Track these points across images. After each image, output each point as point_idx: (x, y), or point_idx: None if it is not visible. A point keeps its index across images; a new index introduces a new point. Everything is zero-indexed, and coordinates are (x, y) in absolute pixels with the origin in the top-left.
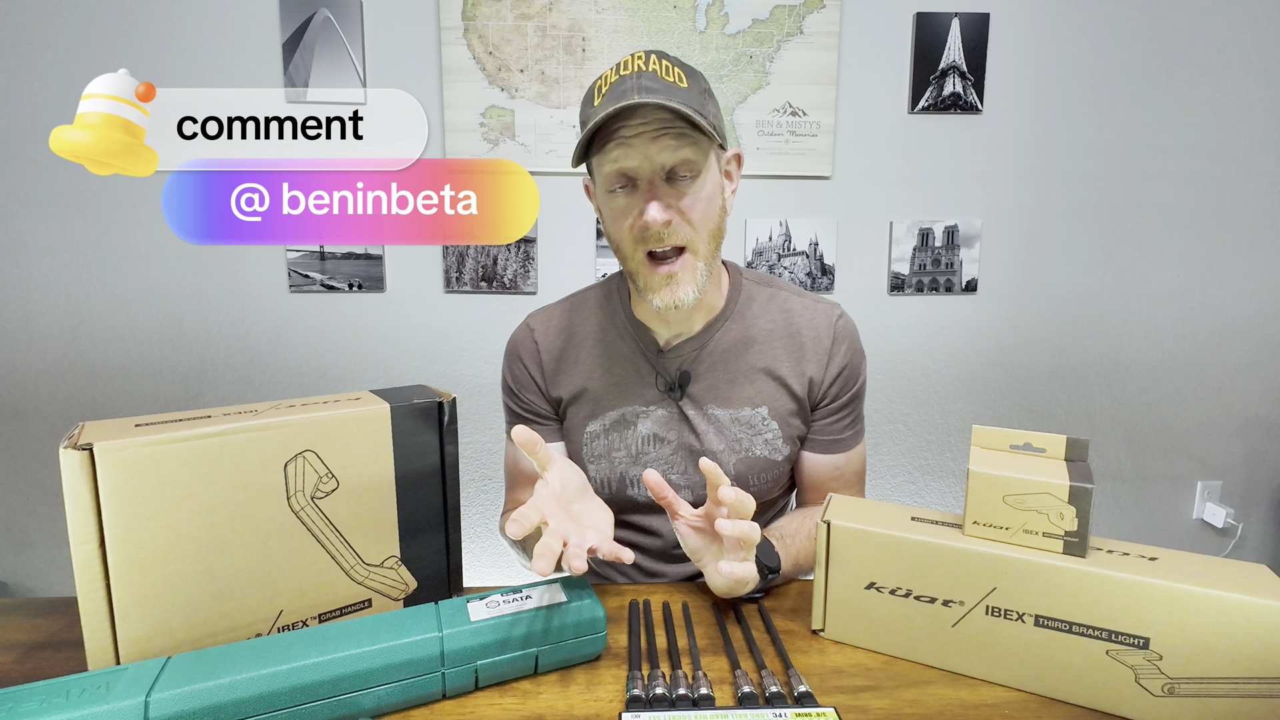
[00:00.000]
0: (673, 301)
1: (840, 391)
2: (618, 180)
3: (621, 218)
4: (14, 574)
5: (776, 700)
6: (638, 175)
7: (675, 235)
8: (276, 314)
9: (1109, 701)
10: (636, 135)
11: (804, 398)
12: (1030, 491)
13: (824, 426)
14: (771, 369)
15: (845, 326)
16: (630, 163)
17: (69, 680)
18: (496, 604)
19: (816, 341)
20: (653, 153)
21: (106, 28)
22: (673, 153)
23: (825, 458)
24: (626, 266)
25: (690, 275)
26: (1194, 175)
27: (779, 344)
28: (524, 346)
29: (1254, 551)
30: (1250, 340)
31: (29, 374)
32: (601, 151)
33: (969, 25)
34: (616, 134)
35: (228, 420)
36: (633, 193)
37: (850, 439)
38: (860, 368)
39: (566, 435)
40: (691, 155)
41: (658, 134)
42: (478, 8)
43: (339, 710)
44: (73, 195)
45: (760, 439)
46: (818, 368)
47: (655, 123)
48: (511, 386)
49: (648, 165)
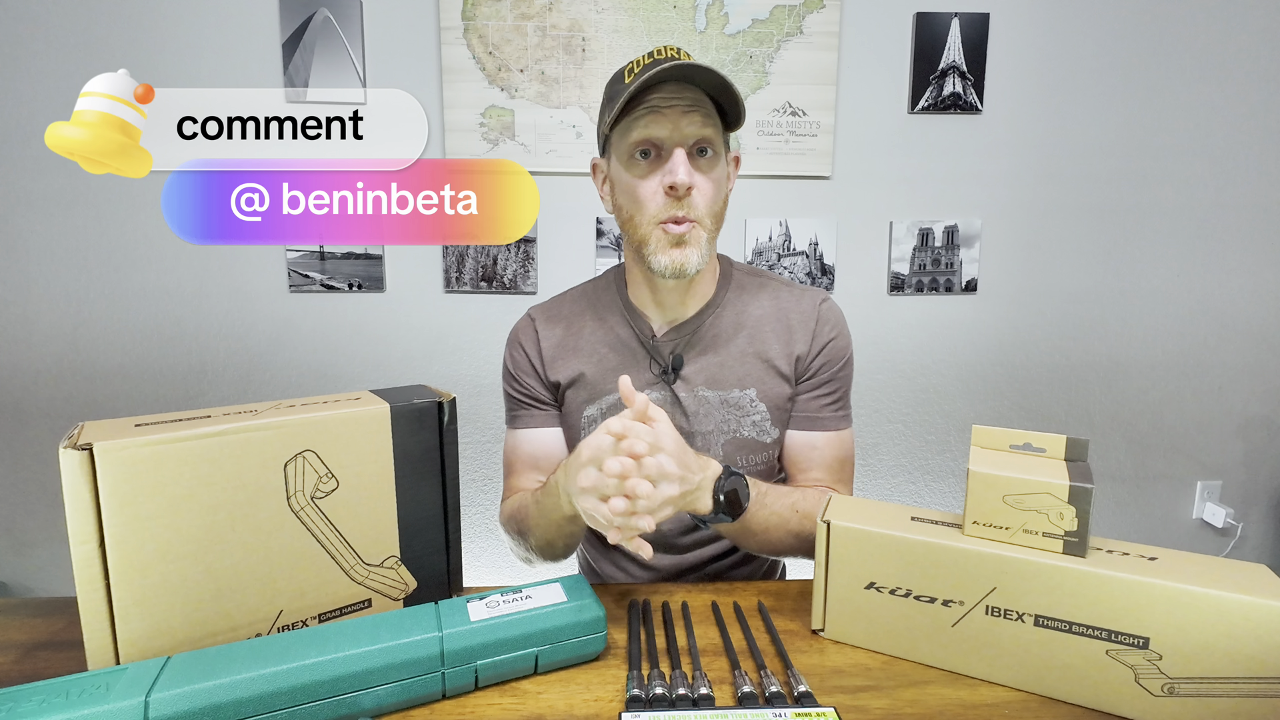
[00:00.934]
0: (681, 262)
1: (822, 367)
2: (642, 147)
3: (641, 183)
4: (14, 574)
5: (776, 700)
6: (664, 144)
7: (691, 207)
8: (276, 314)
9: (1109, 701)
10: (670, 106)
11: (791, 376)
12: (1030, 491)
13: (805, 403)
14: (761, 353)
15: (830, 309)
16: (660, 131)
17: (69, 680)
18: (496, 604)
19: (804, 324)
20: (683, 124)
21: (106, 28)
22: (699, 128)
23: (803, 435)
24: (637, 234)
25: (697, 244)
26: (1194, 175)
27: (768, 329)
28: (525, 333)
29: (1254, 551)
30: (1250, 340)
31: (29, 374)
32: (630, 118)
33: (969, 25)
34: (648, 103)
35: (228, 420)
36: (657, 160)
37: (829, 420)
38: (845, 349)
39: (565, 420)
40: (714, 135)
41: (689, 109)
42: (478, 8)
43: (339, 710)
44: (72, 195)
45: (748, 420)
46: (804, 345)
47: (687, 98)
48: (511, 371)
49: (676, 135)
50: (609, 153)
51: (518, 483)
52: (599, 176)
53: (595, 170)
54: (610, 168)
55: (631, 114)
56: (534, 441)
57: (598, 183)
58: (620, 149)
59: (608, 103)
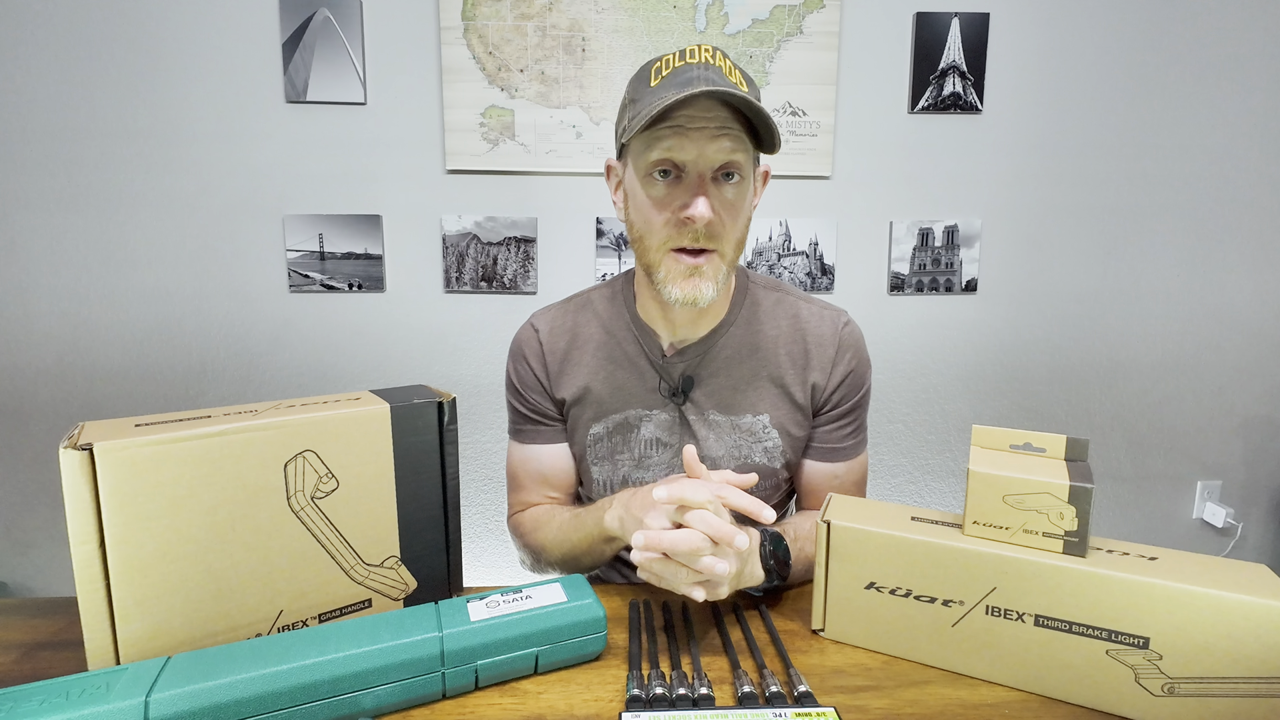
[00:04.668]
0: (694, 296)
1: (843, 399)
2: (661, 167)
3: (659, 207)
4: (14, 574)
5: (776, 700)
6: (686, 168)
7: (710, 236)
8: (276, 314)
9: (1109, 701)
10: (698, 129)
11: (806, 405)
12: (1030, 491)
13: (825, 434)
14: (776, 376)
15: (851, 334)
16: (685, 155)
17: (69, 680)
18: (496, 604)
19: (821, 349)
20: (710, 150)
21: (106, 28)
22: (727, 154)
23: (824, 465)
24: (647, 257)
25: (714, 274)
26: (1194, 175)
27: (784, 351)
28: (529, 346)
29: (1254, 551)
30: (1250, 340)
31: (29, 374)
32: (652, 134)
33: (969, 25)
34: (674, 121)
35: (227, 420)
36: (676, 184)
37: (850, 449)
38: (865, 376)
39: (570, 436)
40: (742, 160)
41: (718, 133)
42: (477, 8)
43: (339, 710)
44: (73, 195)
45: (760, 446)
46: (821, 374)
47: (718, 119)
48: (517, 386)
49: (702, 161)
50: (626, 159)
51: (527, 498)
52: (613, 180)
53: (610, 173)
54: (626, 176)
55: (654, 128)
56: (542, 459)
57: (611, 186)
58: (639, 163)
59: (630, 104)
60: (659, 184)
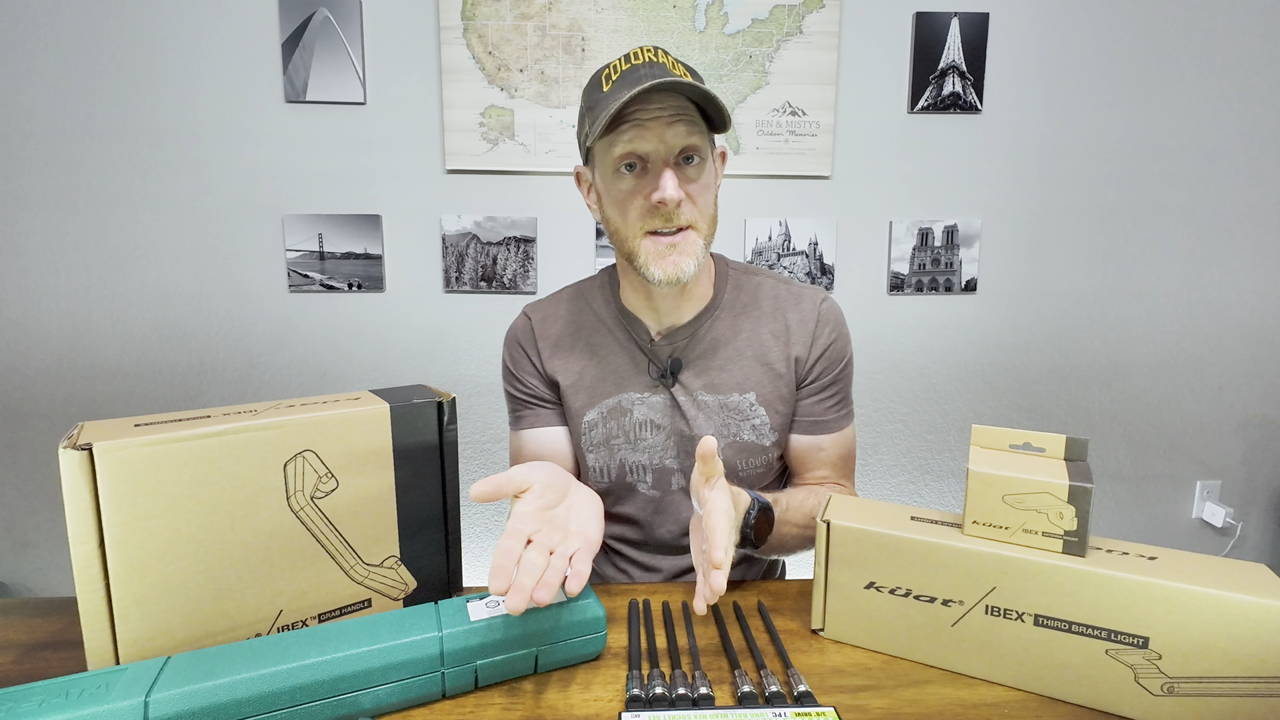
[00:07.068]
0: (674, 272)
1: (824, 371)
2: (627, 161)
3: (629, 198)
4: (14, 574)
5: (776, 700)
6: (649, 157)
7: (683, 215)
8: (276, 314)
9: (1108, 701)
10: (653, 119)
11: (790, 379)
12: (1030, 491)
13: (809, 407)
14: (760, 355)
15: (830, 309)
16: (645, 145)
17: (69, 680)
18: (496, 604)
19: (802, 324)
20: (668, 136)
21: (106, 27)
22: (684, 138)
23: (808, 438)
24: (625, 247)
25: (692, 249)
26: (1194, 175)
27: (766, 330)
28: (522, 332)
29: (1253, 551)
30: (1250, 340)
31: (29, 374)
32: (613, 133)
33: (968, 25)
34: (631, 117)
35: (227, 420)
36: (642, 174)
37: (835, 421)
38: (845, 349)
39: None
40: (699, 142)
41: (673, 119)
42: (477, 7)
43: (339, 710)
44: (72, 195)
45: (748, 424)
46: (803, 348)
47: (670, 108)
48: (511, 370)
49: (662, 148)
50: (593, 163)
51: None
52: (584, 186)
53: (579, 179)
54: (595, 178)
55: (615, 128)
56: (540, 441)
57: (583, 191)
58: (605, 161)
59: (588, 112)
60: (627, 177)
